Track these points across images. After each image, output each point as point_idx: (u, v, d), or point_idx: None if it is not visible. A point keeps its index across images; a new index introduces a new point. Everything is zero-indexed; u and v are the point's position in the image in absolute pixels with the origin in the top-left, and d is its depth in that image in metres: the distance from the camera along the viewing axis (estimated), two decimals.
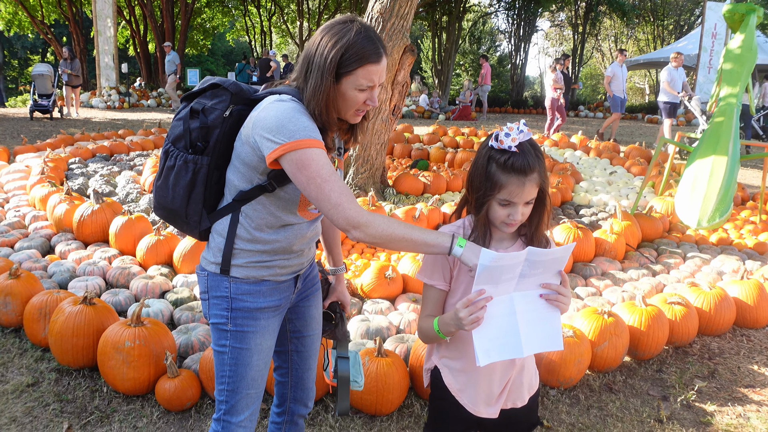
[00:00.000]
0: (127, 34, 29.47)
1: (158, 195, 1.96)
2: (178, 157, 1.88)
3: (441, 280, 1.87)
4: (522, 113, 25.57)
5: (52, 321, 3.33)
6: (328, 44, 1.76)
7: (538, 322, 1.72)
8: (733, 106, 5.98)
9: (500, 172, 1.71)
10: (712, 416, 3.33)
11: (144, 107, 20.47)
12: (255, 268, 1.92)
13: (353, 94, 1.81)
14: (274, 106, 1.75)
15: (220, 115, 1.85)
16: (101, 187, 6.73)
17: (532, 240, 1.86)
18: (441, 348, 1.98)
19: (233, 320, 1.93)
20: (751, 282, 4.50)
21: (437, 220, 5.79)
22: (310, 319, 2.21)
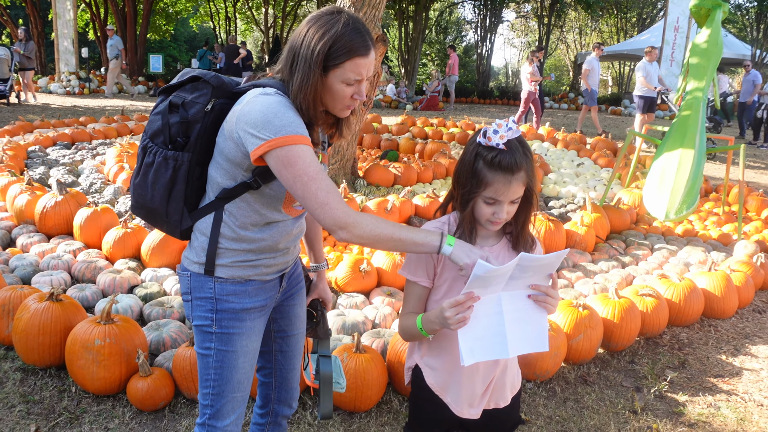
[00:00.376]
0: (87, 18, 28.65)
1: (137, 193, 1.87)
2: (157, 154, 1.80)
3: (424, 276, 1.84)
4: (488, 104, 25.67)
5: (17, 318, 3.20)
6: (315, 36, 1.70)
7: (524, 323, 1.70)
8: (699, 99, 6.07)
9: (487, 169, 1.68)
10: (684, 406, 3.37)
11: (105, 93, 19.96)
12: (240, 267, 1.86)
13: (340, 88, 1.75)
14: (258, 100, 1.69)
15: (201, 109, 1.78)
16: (64, 177, 6.52)
17: (517, 239, 1.84)
18: (423, 346, 1.94)
19: (218, 322, 1.87)
20: (719, 273, 4.58)
21: (409, 212, 5.76)
22: (295, 318, 2.16)
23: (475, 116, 17.50)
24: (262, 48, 33.88)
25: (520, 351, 1.70)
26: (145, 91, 21.36)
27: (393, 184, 7.25)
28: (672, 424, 3.21)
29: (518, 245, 1.84)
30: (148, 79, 22.83)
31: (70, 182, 6.38)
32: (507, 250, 1.85)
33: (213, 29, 34.89)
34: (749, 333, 4.39)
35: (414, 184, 7.37)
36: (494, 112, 21.16)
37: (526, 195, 1.76)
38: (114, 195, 5.96)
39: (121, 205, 5.62)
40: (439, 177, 7.87)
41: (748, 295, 4.72)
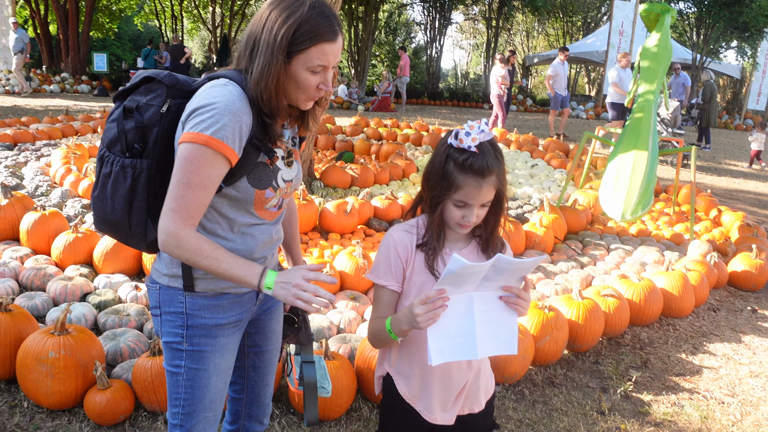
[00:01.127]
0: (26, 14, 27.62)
1: (97, 207, 1.74)
2: (114, 163, 1.68)
3: (392, 280, 1.78)
4: (439, 105, 25.83)
5: None
6: (278, 20, 1.59)
7: (494, 324, 1.67)
8: (650, 102, 6.19)
9: (457, 171, 1.64)
10: (649, 406, 3.41)
11: (47, 92, 19.25)
12: (214, 279, 1.73)
13: (305, 77, 1.63)
14: (209, 89, 1.60)
15: (156, 111, 1.66)
16: (7, 180, 6.22)
17: (487, 242, 1.81)
18: (393, 353, 1.89)
19: (189, 339, 1.75)
20: (676, 273, 4.67)
21: (368, 214, 5.71)
22: (270, 333, 2.04)
23: (427, 117, 17.55)
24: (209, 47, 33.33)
25: (489, 353, 1.67)
26: (89, 90, 20.70)
27: (350, 186, 7.18)
28: (639, 424, 3.24)
29: (488, 248, 1.81)
30: (92, 78, 22.14)
31: (14, 185, 6.08)
32: (476, 253, 1.82)
33: (158, 28, 34.09)
34: (706, 331, 4.49)
35: (371, 185, 7.31)
36: (445, 113, 21.29)
37: (496, 198, 1.73)
38: (62, 198, 5.71)
39: (69, 208, 5.38)
40: (395, 178, 7.84)
41: (703, 294, 4.83)
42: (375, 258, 1.83)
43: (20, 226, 4.56)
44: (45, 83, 20.20)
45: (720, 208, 7.37)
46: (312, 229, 5.39)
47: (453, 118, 18.58)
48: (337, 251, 4.75)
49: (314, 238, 5.20)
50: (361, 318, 3.82)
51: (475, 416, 1.89)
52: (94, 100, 17.77)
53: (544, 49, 38.07)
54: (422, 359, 1.76)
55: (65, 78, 21.44)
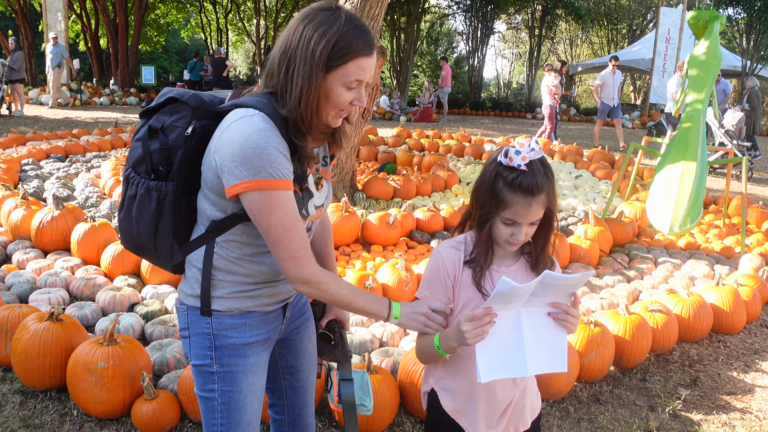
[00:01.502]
0: (77, 29, 28.56)
1: (123, 228, 1.74)
2: (139, 185, 1.66)
3: (442, 298, 1.78)
4: (481, 115, 25.72)
5: (16, 339, 3.10)
6: (314, 35, 1.55)
7: (544, 342, 1.65)
8: (699, 111, 6.05)
9: (507, 190, 1.63)
10: (699, 425, 3.31)
11: (96, 105, 19.84)
12: (238, 299, 1.72)
13: (340, 92, 1.60)
14: (239, 128, 1.54)
15: (181, 133, 1.63)
16: (59, 191, 6.42)
17: (537, 260, 1.79)
18: (438, 369, 1.88)
19: (219, 360, 1.73)
20: (727, 288, 4.53)
21: (410, 226, 5.71)
22: (303, 352, 2.02)
23: (469, 128, 17.48)
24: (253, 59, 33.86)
25: (538, 370, 1.65)
26: (137, 102, 21.25)
27: (392, 197, 7.19)
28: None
29: (537, 266, 1.79)
30: (140, 91, 22.72)
31: (65, 196, 6.27)
32: (525, 270, 1.80)
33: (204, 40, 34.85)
34: (758, 348, 4.34)
35: (413, 197, 7.32)
36: (488, 123, 21.19)
37: (546, 216, 1.71)
38: (111, 209, 5.86)
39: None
40: (437, 190, 7.82)
41: (755, 310, 4.68)
42: (423, 275, 1.83)
43: (71, 236, 4.69)
44: (95, 96, 20.83)
45: None
46: (354, 241, 5.41)
47: (495, 129, 18.48)
48: (379, 263, 4.75)
49: (356, 250, 5.22)
50: (403, 331, 3.81)
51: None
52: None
53: (588, 57, 37.59)
54: (468, 375, 1.76)
55: (114, 90, 22.09)
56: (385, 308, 1.71)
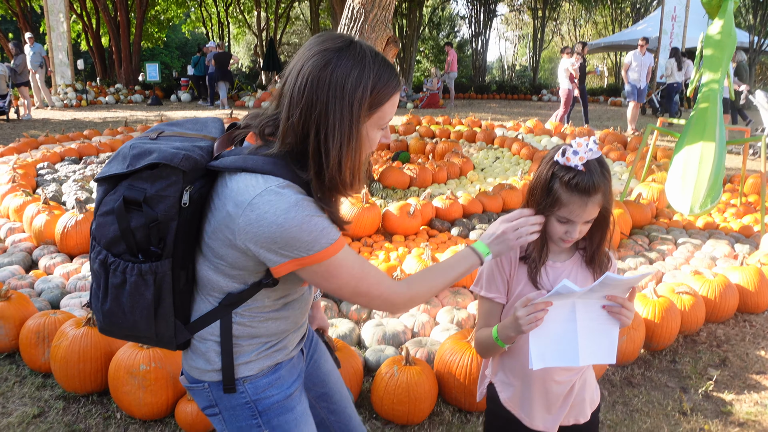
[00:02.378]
0: (78, 29, 28.53)
1: (110, 321, 1.47)
2: (127, 271, 1.39)
3: (497, 292, 1.82)
4: (487, 98, 25.64)
5: (55, 346, 3.14)
6: (347, 81, 1.34)
7: (596, 333, 1.67)
8: (716, 91, 6.01)
9: (563, 189, 1.64)
10: (731, 405, 3.34)
11: (102, 104, 19.88)
12: (267, 356, 1.58)
13: (374, 137, 1.45)
14: (270, 205, 1.33)
15: (174, 203, 1.36)
16: (78, 194, 6.45)
17: (592, 257, 1.81)
18: (494, 363, 1.93)
19: (268, 424, 1.59)
20: (751, 268, 4.54)
21: (430, 215, 5.72)
22: (326, 375, 1.92)
23: (477, 112, 17.44)
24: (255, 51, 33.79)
25: (590, 361, 1.67)
26: (142, 100, 21.27)
27: (408, 186, 7.20)
28: (722, 424, 3.17)
29: (593, 263, 1.81)
30: (144, 88, 22.73)
31: (85, 198, 6.31)
32: (579, 265, 1.82)
33: (205, 35, 34.79)
34: None
35: (429, 185, 7.33)
36: (495, 107, 21.13)
37: (602, 214, 1.73)
38: None
39: None
40: (453, 177, 7.83)
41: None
42: (479, 271, 1.85)
43: None
44: (100, 95, 20.85)
45: None
46: (375, 232, 5.43)
47: (503, 112, 18.43)
48: (402, 253, 4.78)
49: (378, 241, 5.24)
50: (433, 321, 3.83)
51: (580, 427, 1.90)
52: (148, 110, 18.24)
53: (593, 37, 37.31)
54: (523, 367, 1.79)
55: (119, 89, 22.09)
56: (474, 257, 1.66)
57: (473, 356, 3.05)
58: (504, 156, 9.42)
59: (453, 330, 3.62)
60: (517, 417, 1.87)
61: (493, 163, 8.97)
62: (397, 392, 2.91)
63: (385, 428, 3.01)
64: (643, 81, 12.96)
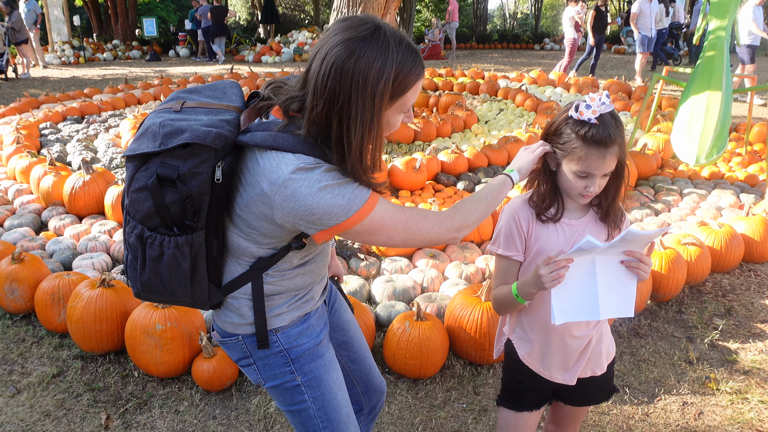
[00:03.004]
0: None
1: (148, 289, 1.55)
2: (164, 244, 1.46)
3: (515, 250, 1.84)
4: (489, 48, 25.27)
5: (71, 307, 3.19)
6: (370, 73, 1.36)
7: (615, 287, 1.70)
8: (722, 39, 5.92)
9: (580, 143, 1.66)
10: (736, 354, 3.40)
11: (101, 61, 19.66)
12: (297, 308, 1.67)
13: (396, 120, 1.50)
14: (302, 183, 1.38)
15: (206, 179, 1.41)
16: (83, 153, 6.44)
17: (607, 212, 1.83)
18: (512, 319, 1.97)
19: (300, 370, 1.68)
20: (757, 218, 4.56)
21: (436, 170, 5.72)
22: (346, 323, 2.00)
23: (479, 62, 17.24)
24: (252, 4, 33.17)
25: (609, 314, 1.71)
26: (140, 55, 21.01)
27: (413, 141, 7.17)
28: (728, 372, 3.23)
29: (607, 218, 1.83)
30: (142, 44, 22.42)
31: (90, 159, 6.30)
32: (594, 222, 1.84)
33: None
34: None
35: (434, 138, 7.30)
36: (497, 57, 20.85)
37: (617, 168, 1.74)
38: None
39: None
40: (457, 130, 7.79)
41: None
42: (496, 230, 1.88)
43: (105, 200, 4.75)
44: (98, 52, 20.59)
45: None
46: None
47: (506, 63, 18.21)
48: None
49: (385, 196, 5.24)
50: (442, 276, 3.88)
51: (596, 379, 1.95)
52: (147, 66, 18.07)
53: None
54: (542, 323, 1.84)
55: (117, 45, 21.80)
56: (507, 180, 1.77)
57: (483, 311, 3.09)
58: (508, 108, 9.34)
59: (462, 285, 3.66)
60: (537, 371, 1.91)
61: (497, 116, 8.91)
62: (409, 347, 2.97)
63: (398, 382, 3.08)
64: (654, 29, 12.49)
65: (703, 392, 3.07)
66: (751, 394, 3.05)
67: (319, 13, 29.20)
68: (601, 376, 1.95)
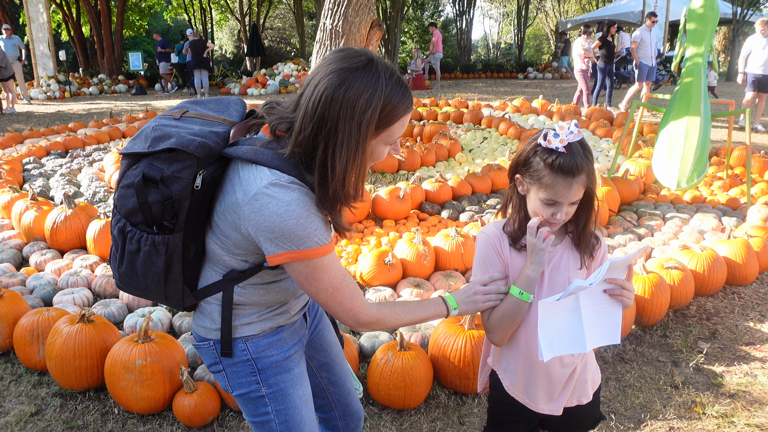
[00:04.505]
0: (58, 19, 28.15)
1: (125, 282, 1.64)
2: (142, 240, 1.54)
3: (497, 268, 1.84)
4: (473, 78, 25.56)
5: (50, 343, 3.14)
6: (358, 102, 1.41)
7: (600, 317, 1.70)
8: (699, 65, 6.04)
9: (547, 171, 1.67)
10: (722, 377, 3.39)
11: (86, 95, 19.69)
12: (267, 319, 1.69)
13: (381, 151, 1.54)
14: (274, 201, 1.43)
15: (187, 185, 1.48)
16: (66, 188, 6.42)
17: (579, 238, 1.84)
18: (495, 350, 1.96)
19: (265, 381, 1.70)
20: (738, 240, 4.59)
21: (420, 198, 5.74)
22: (328, 346, 2.03)
23: (463, 92, 17.40)
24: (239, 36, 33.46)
25: (595, 344, 1.71)
26: (126, 89, 21.07)
27: (397, 170, 7.20)
28: (714, 396, 3.22)
29: (581, 245, 1.84)
30: (128, 77, 22.50)
31: (73, 193, 6.27)
32: (570, 249, 1.85)
33: (188, 21, 34.38)
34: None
35: (418, 168, 7.34)
36: (481, 86, 21.07)
37: (586, 196, 1.76)
38: None
39: None
40: (441, 159, 7.84)
41: (766, 260, 4.74)
42: (474, 260, 1.88)
43: (86, 234, 4.72)
44: (84, 86, 20.64)
45: None
46: (366, 217, 5.44)
47: (490, 92, 18.39)
48: (393, 238, 4.80)
49: (369, 226, 5.25)
50: None
51: (583, 407, 1.94)
52: (133, 100, 18.10)
53: (577, 13, 37.21)
54: (525, 353, 1.84)
55: (103, 79, 21.88)
56: (443, 307, 1.76)
57: (467, 339, 3.08)
58: (491, 136, 9.43)
59: None
60: (522, 402, 1.90)
61: (481, 144, 8.97)
62: (392, 378, 2.94)
63: (382, 413, 3.04)
64: (654, 58, 12.35)
65: (689, 417, 3.05)
66: (737, 417, 3.04)
67: (304, 46, 29.49)
68: (587, 404, 1.94)
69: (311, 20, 33.38)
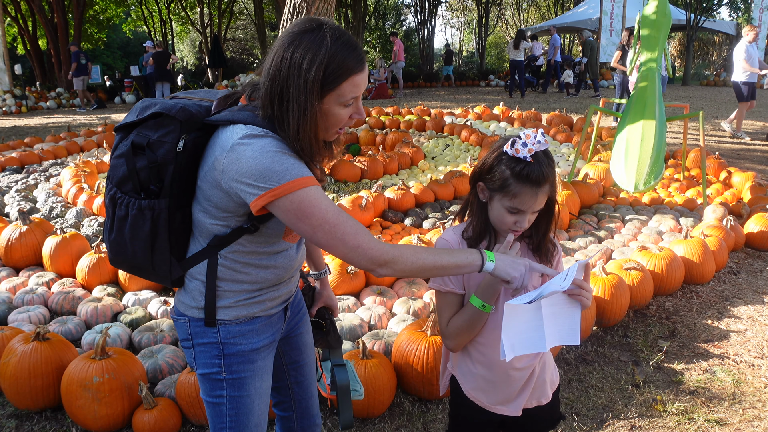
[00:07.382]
0: (14, 32, 27.62)
1: (115, 250, 1.69)
2: (130, 205, 1.60)
3: (455, 285, 1.84)
4: (435, 86, 25.74)
5: (3, 363, 3.05)
6: (304, 61, 1.50)
7: (559, 317, 1.71)
8: (654, 70, 6.17)
9: (513, 180, 1.68)
10: (682, 375, 3.45)
11: (44, 110, 19.30)
12: (245, 306, 1.72)
13: (337, 112, 1.58)
14: (248, 146, 1.50)
15: (171, 149, 1.56)
16: (21, 204, 6.26)
17: (539, 246, 1.85)
18: (454, 356, 1.97)
19: (227, 367, 1.73)
20: (695, 240, 4.69)
21: (382, 207, 5.74)
22: (304, 346, 2.04)
23: (426, 100, 17.49)
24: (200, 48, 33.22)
25: (554, 344, 1.72)
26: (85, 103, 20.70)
27: (360, 179, 7.20)
28: (674, 393, 3.27)
29: (539, 251, 1.86)
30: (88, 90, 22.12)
31: (29, 209, 6.13)
32: (526, 253, 1.87)
33: (148, 33, 34.02)
34: (729, 295, 4.51)
35: (381, 176, 7.35)
36: (444, 95, 21.21)
37: (547, 204, 1.78)
38: (77, 218, 5.76)
39: (87, 228, 5.43)
40: (404, 167, 7.86)
41: (722, 258, 4.85)
42: None
43: (42, 250, 4.61)
44: (41, 100, 20.23)
45: (729, 170, 7.37)
46: None
47: (452, 100, 18.52)
48: None
49: None
50: (390, 312, 3.86)
51: (543, 408, 1.95)
52: (92, 113, 17.79)
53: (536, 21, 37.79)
54: (484, 356, 1.85)
55: (61, 93, 21.45)
56: (476, 255, 1.65)
57: (429, 345, 3.08)
58: (454, 143, 9.49)
59: (410, 320, 3.65)
60: (482, 405, 1.91)
61: (444, 151, 9.03)
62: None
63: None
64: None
65: (650, 415, 3.10)
66: (697, 413, 3.09)
67: None
68: (546, 404, 1.96)
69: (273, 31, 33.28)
